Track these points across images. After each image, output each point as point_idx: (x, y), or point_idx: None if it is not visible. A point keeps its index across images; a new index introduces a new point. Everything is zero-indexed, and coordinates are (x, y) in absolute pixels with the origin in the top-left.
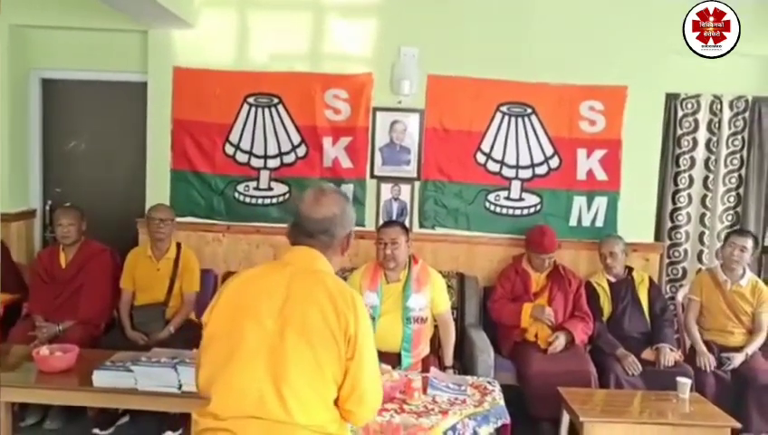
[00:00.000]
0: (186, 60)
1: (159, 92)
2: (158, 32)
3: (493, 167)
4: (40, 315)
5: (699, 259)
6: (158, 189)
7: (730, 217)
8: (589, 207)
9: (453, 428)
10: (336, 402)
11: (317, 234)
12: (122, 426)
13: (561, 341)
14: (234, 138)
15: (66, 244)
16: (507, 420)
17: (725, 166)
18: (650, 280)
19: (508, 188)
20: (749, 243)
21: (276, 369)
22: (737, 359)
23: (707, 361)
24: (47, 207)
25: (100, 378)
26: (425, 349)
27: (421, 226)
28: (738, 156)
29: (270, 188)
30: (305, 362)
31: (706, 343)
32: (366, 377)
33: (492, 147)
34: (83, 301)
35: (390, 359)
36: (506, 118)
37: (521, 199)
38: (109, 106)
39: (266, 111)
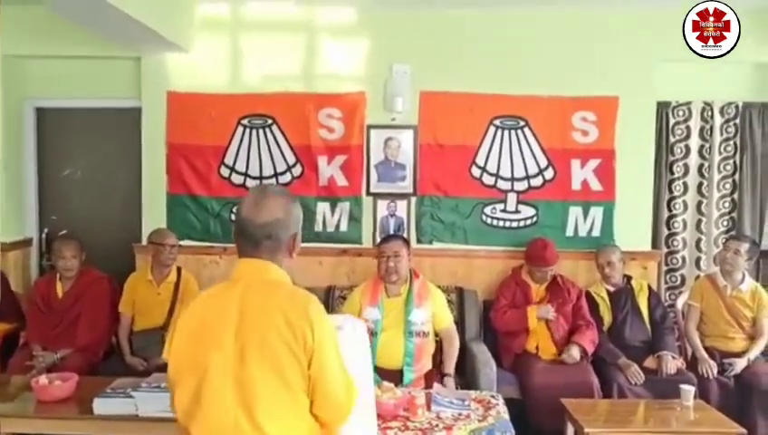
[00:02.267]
0: (179, 84)
1: (154, 117)
2: (151, 58)
3: (488, 180)
4: (38, 344)
5: (697, 266)
6: (154, 214)
7: (726, 223)
8: (585, 218)
9: None
10: (311, 412)
11: (261, 240)
12: None
13: (574, 353)
14: (229, 160)
15: (68, 277)
16: (512, 433)
17: (719, 172)
18: (649, 288)
19: (504, 201)
20: (743, 246)
21: (245, 397)
22: (739, 365)
23: (709, 367)
24: (43, 236)
25: (100, 406)
26: (427, 364)
27: (418, 241)
28: (731, 161)
29: None
30: (272, 386)
31: (707, 349)
32: (329, 381)
33: (486, 160)
34: (82, 329)
35: (393, 376)
36: (500, 131)
37: (517, 212)
38: (103, 133)
39: (261, 132)
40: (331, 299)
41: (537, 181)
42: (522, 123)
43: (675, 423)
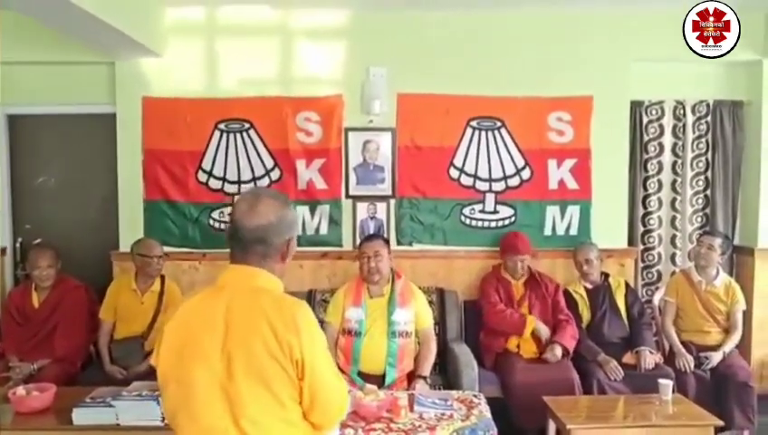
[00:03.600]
0: (154, 89)
1: (129, 123)
2: (125, 62)
3: (466, 181)
4: (14, 356)
5: (673, 262)
6: (131, 221)
7: (700, 219)
8: (562, 217)
9: None
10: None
11: (251, 244)
12: None
13: (557, 352)
14: (206, 165)
15: (44, 286)
16: (495, 432)
17: (692, 169)
18: (627, 285)
19: (482, 201)
20: (716, 241)
21: (234, 409)
22: (715, 358)
23: (686, 361)
24: (17, 245)
25: (80, 416)
26: (409, 364)
27: (399, 243)
28: (703, 158)
29: None
30: (260, 397)
31: (684, 343)
32: (323, 388)
33: (464, 161)
34: (59, 339)
35: (375, 380)
36: (477, 132)
37: (495, 212)
38: (77, 139)
39: (238, 136)
40: (313, 302)
41: (514, 181)
42: (498, 124)
43: (654, 417)
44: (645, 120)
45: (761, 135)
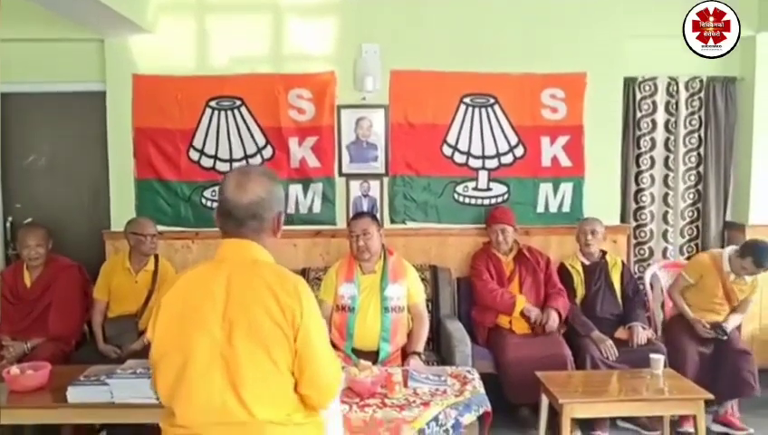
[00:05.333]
0: (144, 67)
1: (119, 101)
2: (114, 40)
3: (459, 158)
4: (7, 335)
5: (665, 238)
6: (123, 200)
7: (692, 196)
8: (555, 194)
9: (435, 418)
10: (297, 391)
11: (245, 220)
12: None
13: (554, 317)
14: (198, 143)
15: (35, 265)
16: (488, 407)
17: (685, 145)
18: (623, 264)
19: (476, 179)
20: (762, 271)
21: (233, 376)
22: (731, 324)
23: (703, 326)
24: (8, 224)
25: (74, 394)
26: (403, 339)
27: (392, 221)
28: (696, 135)
29: None
30: (260, 365)
31: None
32: (315, 359)
33: (457, 139)
34: (53, 318)
35: (369, 356)
36: (470, 109)
37: (488, 189)
38: (67, 117)
39: (229, 114)
40: (306, 281)
41: (508, 159)
42: (491, 101)
43: (645, 391)
44: (638, 96)
45: (753, 111)
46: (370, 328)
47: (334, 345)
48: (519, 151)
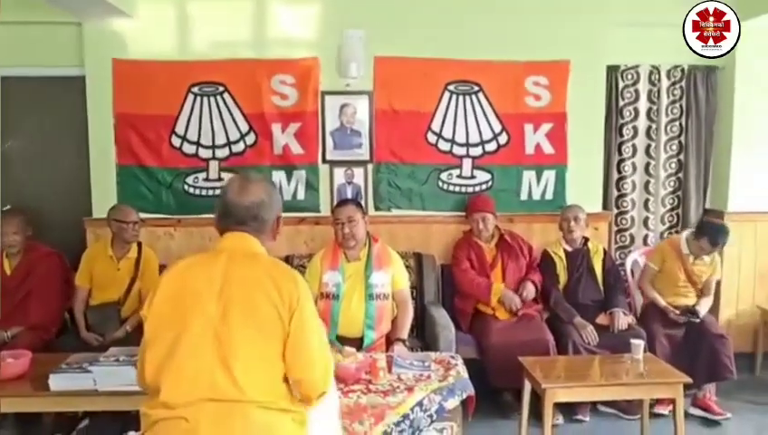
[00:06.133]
0: (125, 51)
1: (99, 86)
2: (93, 23)
3: (444, 146)
4: None
5: (646, 225)
6: (103, 186)
7: (673, 183)
8: (538, 181)
9: (419, 403)
10: (288, 379)
11: (246, 220)
12: (82, 430)
13: (530, 288)
14: (180, 129)
15: (13, 253)
16: (472, 391)
17: (666, 133)
18: (604, 251)
19: (460, 167)
20: (718, 249)
21: (224, 351)
22: (703, 307)
23: (674, 312)
24: None
25: (56, 381)
26: (387, 326)
27: (376, 208)
28: (677, 123)
29: (220, 179)
30: (253, 341)
31: None
32: (310, 345)
33: (442, 126)
34: (34, 306)
35: (354, 343)
36: (454, 96)
37: (472, 177)
38: (46, 103)
39: (212, 99)
40: None
41: (491, 146)
42: (476, 88)
43: (625, 376)
44: (621, 84)
45: (733, 100)
46: (355, 315)
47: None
48: (503, 139)
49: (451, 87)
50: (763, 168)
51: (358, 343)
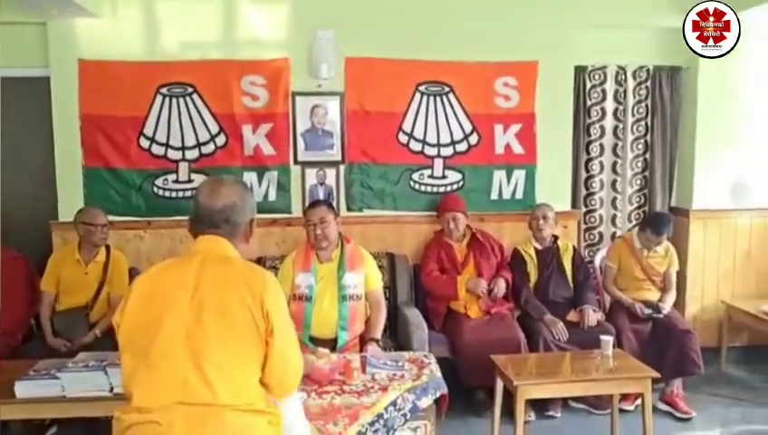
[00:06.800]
0: (91, 51)
1: (64, 87)
2: (58, 23)
3: (415, 146)
4: None
5: (613, 223)
6: (70, 189)
7: (639, 182)
8: (508, 181)
9: (393, 403)
10: (260, 380)
11: (219, 224)
12: None
13: (501, 284)
14: (148, 130)
15: None
16: (445, 390)
17: (632, 133)
18: (574, 249)
19: (431, 167)
20: (664, 236)
21: (197, 353)
22: (668, 303)
23: (640, 307)
24: None
25: (23, 389)
26: (360, 327)
27: (349, 209)
28: (643, 123)
29: (190, 180)
30: (226, 343)
31: None
32: (283, 346)
33: (413, 126)
34: None
35: (327, 344)
36: (425, 97)
37: (444, 177)
38: (8, 104)
39: (181, 100)
40: None
41: (462, 147)
42: (446, 89)
43: (596, 372)
44: (588, 85)
45: (697, 100)
46: (328, 317)
47: None
48: (473, 139)
49: (422, 88)
50: (726, 166)
51: (331, 344)
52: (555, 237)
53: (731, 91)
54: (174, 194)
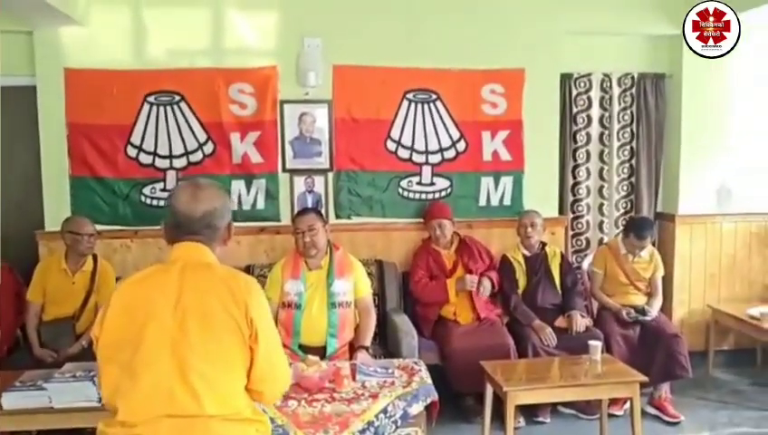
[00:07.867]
0: (77, 60)
1: (51, 96)
2: (44, 31)
3: (403, 153)
4: None
5: (600, 229)
6: (57, 198)
7: (625, 188)
8: (496, 187)
9: (384, 410)
10: (246, 387)
11: (200, 230)
12: None
13: (486, 285)
14: (135, 139)
15: None
16: (435, 397)
17: (618, 139)
18: (562, 255)
19: (419, 174)
20: (647, 240)
21: (182, 363)
22: (655, 308)
23: (626, 312)
24: None
25: (9, 400)
26: (350, 334)
27: (337, 216)
28: (629, 129)
29: None
30: (211, 351)
31: None
32: (275, 353)
33: (401, 134)
34: None
35: (317, 352)
36: (413, 105)
37: (432, 184)
38: None
39: (168, 109)
40: None
41: (450, 153)
42: (434, 96)
43: (584, 377)
44: (574, 92)
45: (681, 107)
46: (317, 324)
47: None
48: (461, 146)
49: (409, 95)
50: (711, 172)
51: (321, 352)
52: (543, 244)
53: (715, 98)
54: (162, 203)
